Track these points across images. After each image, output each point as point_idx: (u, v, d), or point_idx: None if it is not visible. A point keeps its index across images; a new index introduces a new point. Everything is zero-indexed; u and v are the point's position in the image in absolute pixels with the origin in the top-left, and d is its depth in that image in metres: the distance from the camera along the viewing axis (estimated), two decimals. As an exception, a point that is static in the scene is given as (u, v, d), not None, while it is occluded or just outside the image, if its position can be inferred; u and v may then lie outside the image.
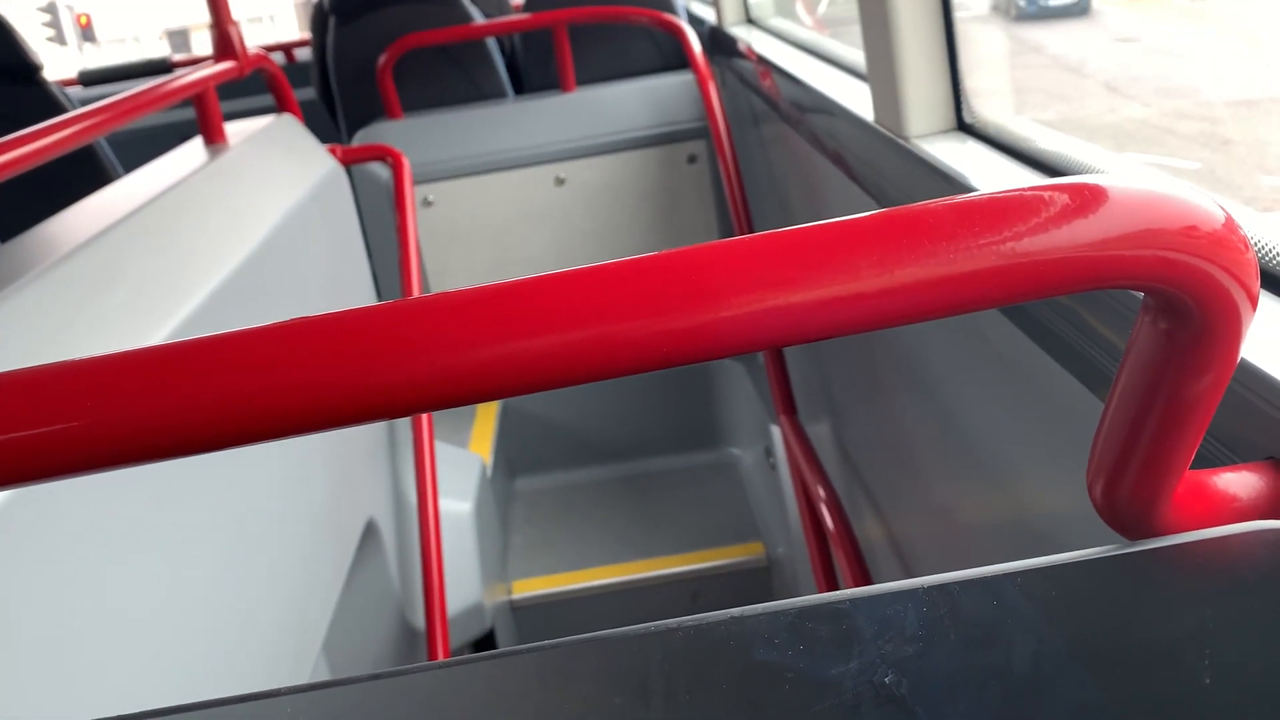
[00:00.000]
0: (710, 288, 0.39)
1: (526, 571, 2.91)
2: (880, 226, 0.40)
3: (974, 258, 0.39)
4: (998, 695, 0.42)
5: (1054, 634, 0.44)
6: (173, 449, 0.39)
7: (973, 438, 1.24)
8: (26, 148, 1.25)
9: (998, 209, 0.39)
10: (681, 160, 3.03)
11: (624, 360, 0.39)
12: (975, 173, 1.13)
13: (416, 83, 3.16)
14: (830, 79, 1.81)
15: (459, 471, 2.61)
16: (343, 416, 0.39)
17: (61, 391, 0.39)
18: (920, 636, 0.45)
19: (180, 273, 1.39)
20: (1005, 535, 1.18)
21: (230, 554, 1.33)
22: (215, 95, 1.91)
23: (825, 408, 2.21)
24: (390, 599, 2.11)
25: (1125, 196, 0.40)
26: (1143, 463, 0.48)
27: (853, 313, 0.39)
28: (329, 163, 2.16)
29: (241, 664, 1.30)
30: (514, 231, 3.06)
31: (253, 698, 0.45)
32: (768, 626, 0.46)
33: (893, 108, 1.31)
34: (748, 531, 2.92)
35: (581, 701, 0.44)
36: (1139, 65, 2.74)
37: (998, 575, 0.47)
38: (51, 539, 0.96)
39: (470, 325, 0.39)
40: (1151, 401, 0.46)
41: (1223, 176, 2.20)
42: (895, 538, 1.72)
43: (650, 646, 0.46)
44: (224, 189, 1.70)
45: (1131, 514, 0.51)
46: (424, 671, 0.46)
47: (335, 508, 1.79)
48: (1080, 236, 0.39)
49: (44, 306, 1.15)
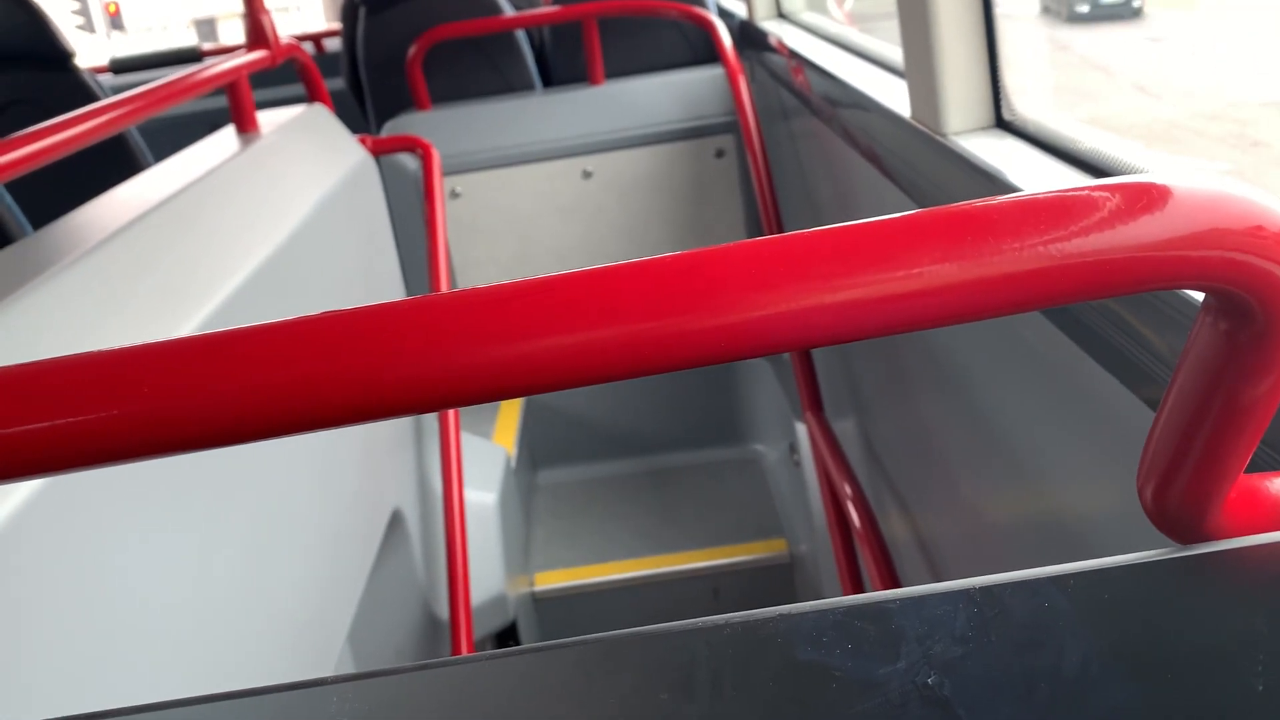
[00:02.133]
0: (752, 287, 0.39)
1: (548, 564, 2.92)
2: (940, 224, 0.39)
3: (1037, 257, 0.38)
4: (1046, 699, 0.41)
5: (1104, 638, 0.43)
6: (202, 441, 0.39)
7: (1005, 437, 1.23)
8: (61, 135, 1.26)
9: (1061, 207, 0.39)
10: (709, 155, 3.03)
11: (655, 359, 0.39)
12: (1015, 171, 1.12)
13: (445, 74, 3.16)
14: (865, 74, 1.80)
15: (484, 463, 2.62)
16: (374, 411, 0.39)
17: (94, 382, 0.39)
18: (969, 638, 0.44)
19: (213, 260, 1.40)
20: (1038, 537, 1.17)
21: (257, 543, 1.33)
22: (248, 84, 1.92)
23: (852, 405, 2.20)
24: (414, 589, 2.12)
25: (1190, 196, 0.39)
26: (1196, 465, 0.48)
27: (910, 312, 0.39)
28: (360, 153, 2.17)
29: (268, 653, 1.30)
30: (540, 224, 3.06)
31: (298, 686, 0.45)
32: (814, 625, 0.45)
33: (930, 104, 1.30)
34: (770, 528, 2.92)
35: (626, 696, 0.44)
36: (1175, 66, 2.72)
37: (1047, 577, 0.46)
38: (80, 528, 0.97)
39: (502, 322, 0.39)
40: (1208, 403, 0.46)
41: (1254, 179, 2.18)
42: (923, 537, 1.71)
43: (695, 642, 0.45)
44: (257, 177, 1.71)
45: (1183, 518, 0.50)
46: (472, 662, 0.46)
47: (362, 498, 1.80)
48: (1144, 236, 0.39)
49: (77, 295, 1.15)
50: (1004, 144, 1.22)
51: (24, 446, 0.38)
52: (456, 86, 3.19)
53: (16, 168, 1.17)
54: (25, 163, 1.18)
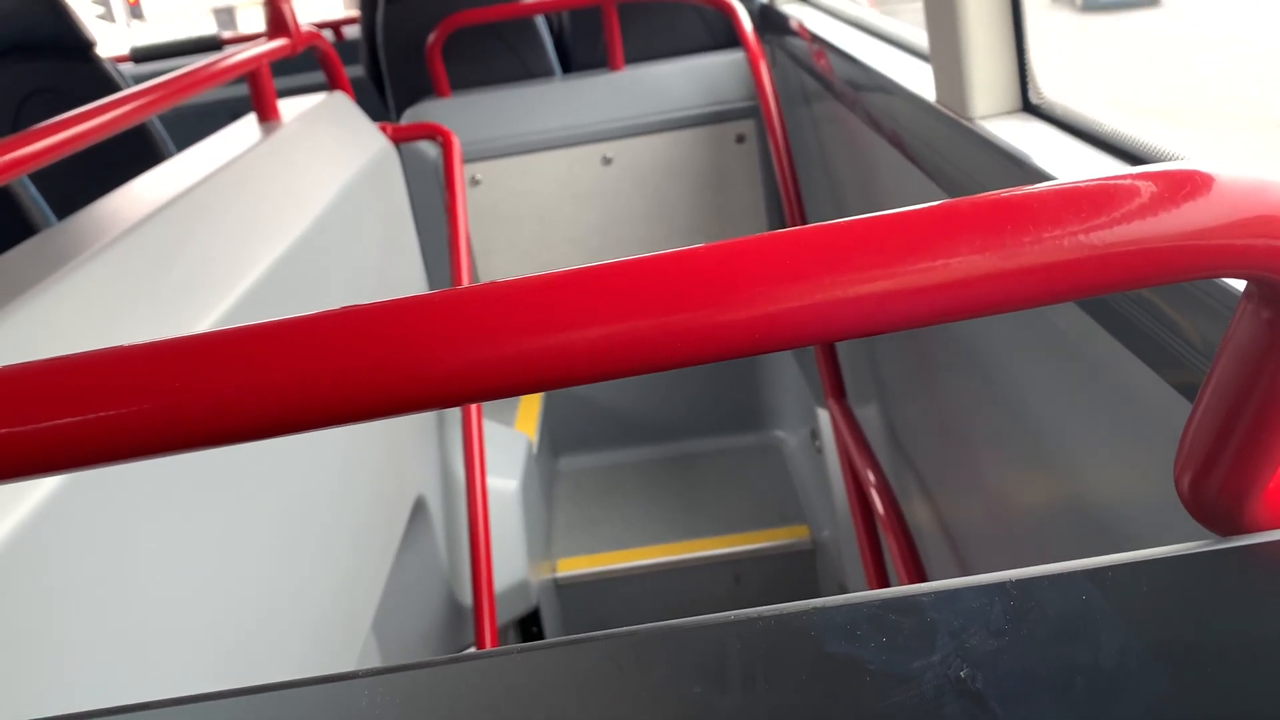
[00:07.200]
0: (785, 279, 0.38)
1: (570, 551, 2.92)
2: (978, 212, 0.38)
3: (1078, 246, 0.37)
4: (1082, 693, 0.41)
5: (1141, 632, 0.43)
6: (226, 437, 0.39)
7: (1033, 425, 1.22)
8: (84, 125, 1.26)
9: (1102, 195, 0.38)
10: (730, 140, 3.01)
11: (684, 352, 0.38)
12: (1043, 156, 1.10)
13: (464, 61, 3.16)
14: (888, 58, 1.78)
15: (506, 450, 2.62)
16: (400, 406, 0.39)
17: (120, 377, 0.39)
18: (1004, 631, 0.44)
19: (235, 251, 1.40)
20: (1067, 528, 1.16)
21: (283, 533, 1.34)
22: (269, 72, 1.92)
23: (874, 391, 2.19)
24: (438, 576, 2.13)
25: (1234, 183, 0.39)
26: (1236, 455, 0.47)
27: (948, 303, 0.38)
28: (380, 140, 2.17)
29: (293, 641, 1.31)
30: (560, 211, 3.06)
31: (332, 679, 0.45)
32: (847, 618, 0.45)
33: (955, 87, 1.29)
34: (792, 515, 2.91)
35: (658, 688, 0.43)
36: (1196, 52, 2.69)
37: (1083, 570, 0.46)
38: (104, 522, 0.97)
39: (527, 317, 0.38)
40: (1249, 392, 0.45)
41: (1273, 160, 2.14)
42: (947, 525, 1.70)
43: (728, 635, 0.45)
44: (279, 167, 1.71)
45: (1222, 509, 0.49)
46: (503, 656, 0.46)
47: (385, 486, 1.80)
48: (1188, 224, 0.38)
49: (101, 286, 1.15)
50: (1031, 128, 1.21)
51: (49, 443, 0.38)
52: (476, 73, 3.18)
53: (41, 158, 1.17)
54: (49, 153, 1.18)
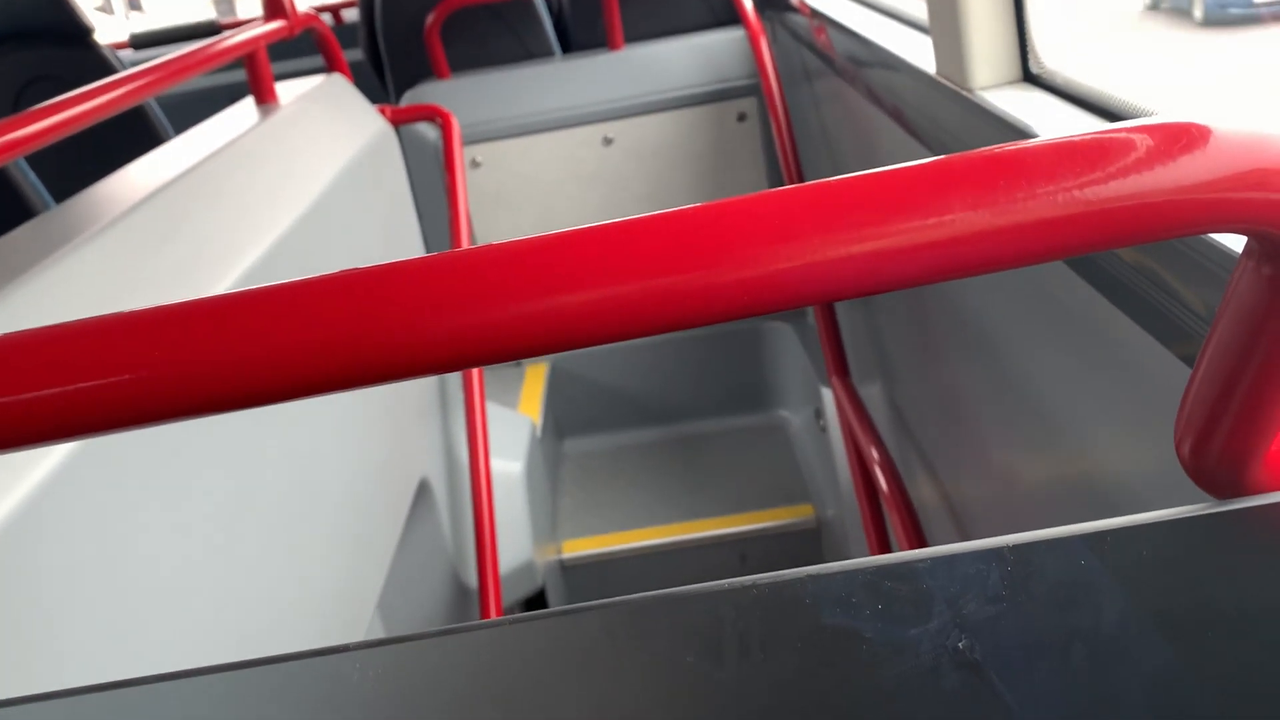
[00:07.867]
0: (777, 238, 0.37)
1: (576, 532, 2.92)
2: (971, 169, 0.38)
3: (1072, 201, 0.37)
4: (1082, 659, 0.40)
5: (1141, 596, 0.42)
6: (226, 402, 0.39)
7: (1035, 396, 1.21)
8: (79, 108, 1.25)
9: (1097, 149, 0.37)
10: (731, 118, 3.00)
11: (680, 314, 0.38)
12: (1044, 125, 1.09)
13: (464, 43, 3.14)
14: (888, 31, 1.77)
15: (509, 432, 2.62)
16: (397, 370, 0.38)
17: (121, 342, 0.38)
18: (1002, 598, 0.43)
19: (234, 232, 1.39)
20: (1070, 498, 1.16)
21: (287, 512, 1.34)
22: (266, 55, 1.91)
23: (877, 368, 2.18)
24: (443, 557, 2.13)
25: (1231, 136, 0.38)
26: (1237, 418, 0.46)
27: (943, 260, 0.37)
28: (379, 122, 2.16)
29: (298, 622, 1.31)
30: (562, 192, 3.05)
31: (322, 653, 0.44)
32: (843, 586, 0.45)
33: (955, 58, 1.28)
34: (797, 493, 2.91)
35: (653, 658, 0.43)
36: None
37: (1081, 535, 0.45)
38: (108, 495, 0.97)
39: (523, 277, 0.38)
40: (1250, 353, 0.44)
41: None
42: (951, 500, 1.70)
43: (723, 604, 0.44)
44: (277, 148, 1.70)
45: (1222, 472, 0.48)
46: (493, 627, 0.45)
47: (389, 467, 1.80)
48: (1185, 178, 0.37)
49: (99, 267, 1.15)
50: (1032, 97, 1.20)
51: (49, 411, 0.38)
52: (475, 55, 3.17)
53: (37, 140, 1.16)
54: (46, 135, 1.18)
